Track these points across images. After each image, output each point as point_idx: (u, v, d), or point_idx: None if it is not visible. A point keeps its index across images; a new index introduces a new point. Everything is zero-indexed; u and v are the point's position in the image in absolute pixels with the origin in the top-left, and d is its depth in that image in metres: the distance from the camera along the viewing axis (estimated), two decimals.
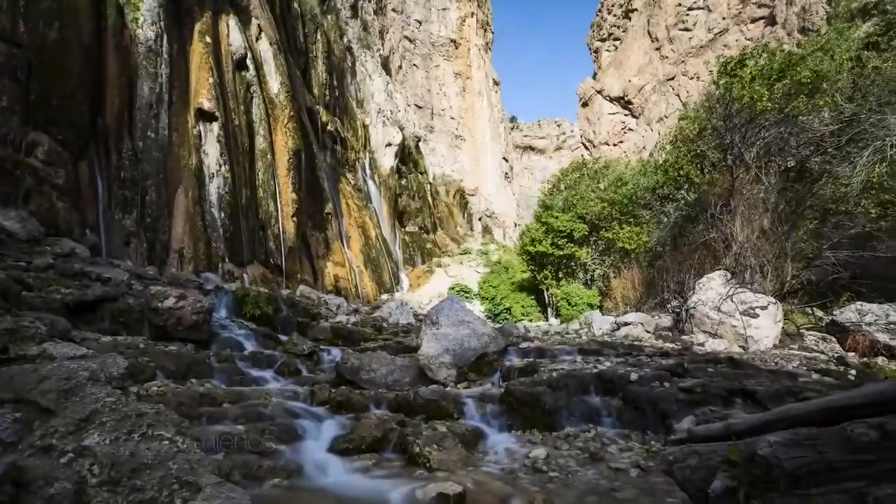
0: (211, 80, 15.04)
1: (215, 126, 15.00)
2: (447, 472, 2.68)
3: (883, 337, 6.59)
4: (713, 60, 14.29)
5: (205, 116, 14.86)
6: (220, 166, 15.01)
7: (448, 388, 4.93)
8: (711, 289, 9.24)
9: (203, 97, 14.71)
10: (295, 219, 18.07)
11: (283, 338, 7.57)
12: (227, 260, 14.87)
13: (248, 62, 17.47)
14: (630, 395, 4.03)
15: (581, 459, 3.16)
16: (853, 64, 11.07)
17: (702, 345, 8.12)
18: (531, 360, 6.03)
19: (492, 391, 4.72)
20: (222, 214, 15.00)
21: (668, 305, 11.37)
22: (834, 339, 7.58)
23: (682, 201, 14.23)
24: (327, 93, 27.63)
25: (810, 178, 11.16)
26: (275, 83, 18.69)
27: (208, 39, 15.57)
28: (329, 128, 25.91)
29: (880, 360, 6.22)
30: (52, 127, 10.74)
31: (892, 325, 6.62)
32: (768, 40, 27.97)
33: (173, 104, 14.22)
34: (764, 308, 8.05)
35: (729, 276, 9.55)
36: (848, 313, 7.31)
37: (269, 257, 17.21)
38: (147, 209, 12.97)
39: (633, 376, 4.41)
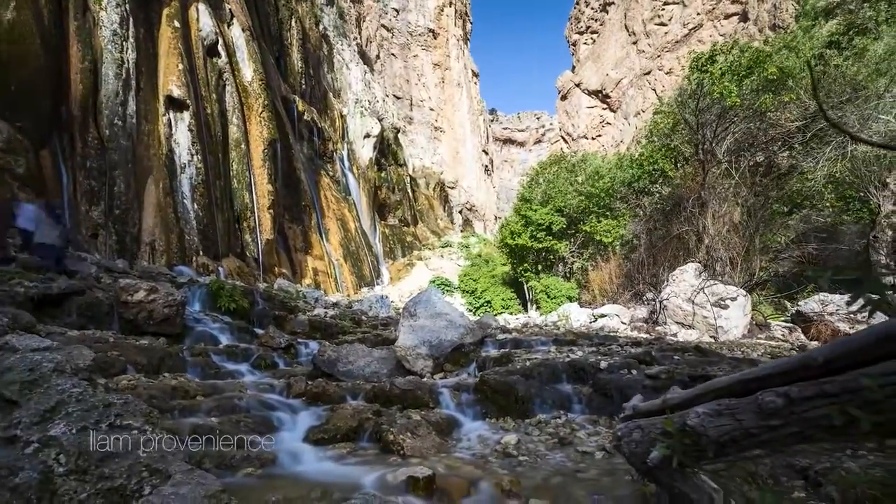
0: (181, 66, 14.55)
1: (186, 114, 14.55)
2: (420, 459, 2.75)
3: (844, 326, 6.87)
4: (688, 55, 14.64)
5: (175, 104, 14.39)
6: (192, 156, 14.60)
7: (424, 379, 5.01)
8: (684, 281, 9.57)
9: (172, 84, 14.23)
10: (271, 211, 17.78)
11: (260, 331, 7.51)
12: (201, 253, 14.54)
13: (220, 48, 16.97)
14: (599, 382, 4.18)
15: (550, 444, 3.28)
16: (816, 62, 11.51)
17: (675, 335, 8.41)
18: (507, 350, 6.15)
19: (468, 381, 4.80)
20: (195, 206, 14.62)
21: (644, 297, 11.69)
22: (799, 328, 7.92)
23: (657, 195, 14.55)
24: (303, 82, 27.08)
25: (778, 172, 11.60)
26: (248, 71, 18.22)
27: (177, 24, 15.05)
28: (306, 118, 25.43)
29: None
30: (11, 113, 10.23)
31: (852, 315, 6.91)
32: (740, 36, 28.73)
33: (141, 91, 13.73)
34: (733, 299, 8.40)
35: (701, 268, 9.88)
36: (812, 304, 7.60)
37: (245, 250, 16.91)
38: (115, 200, 12.54)
39: (603, 364, 4.58)
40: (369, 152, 31.45)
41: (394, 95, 44.89)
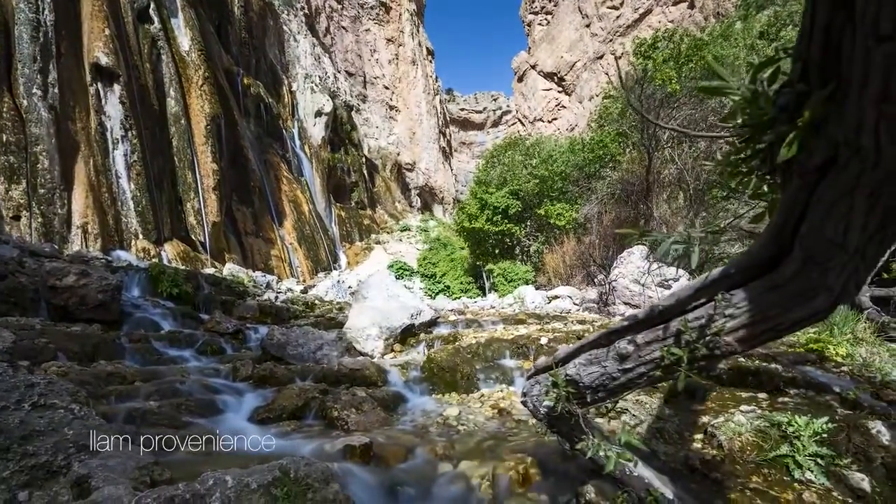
0: (107, 31, 13.34)
1: (117, 85, 13.45)
2: (364, 432, 2.89)
3: None
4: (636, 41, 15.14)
5: (103, 73, 13.24)
6: (127, 131, 13.58)
7: (375, 359, 5.13)
8: (631, 263, 10.16)
9: (99, 51, 13.06)
10: (217, 192, 16.92)
11: (205, 317, 7.30)
12: (140, 236, 13.70)
13: (152, 13, 15.67)
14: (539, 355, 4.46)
15: (490, 415, 3.52)
16: (748, 52, 12.27)
17: (622, 315, 8.95)
18: (457, 330, 6.37)
19: (417, 359, 4.97)
20: (132, 185, 13.69)
21: (595, 279, 12.26)
22: None
23: (608, 179, 15.14)
24: (248, 53, 25.55)
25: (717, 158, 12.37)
26: (185, 39, 16.97)
27: None
28: (252, 92, 24.12)
29: None
30: None
31: None
32: (687, 23, 29.98)
33: (63, 57, 12.51)
34: (676, 280, 9.05)
35: (647, 251, 10.50)
36: None
37: (190, 234, 16.07)
38: (39, 178, 11.51)
39: (543, 340, 4.88)
40: (322, 131, 30.32)
41: (346, 72, 43.21)
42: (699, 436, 2.68)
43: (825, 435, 2.42)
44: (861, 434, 2.50)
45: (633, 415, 2.95)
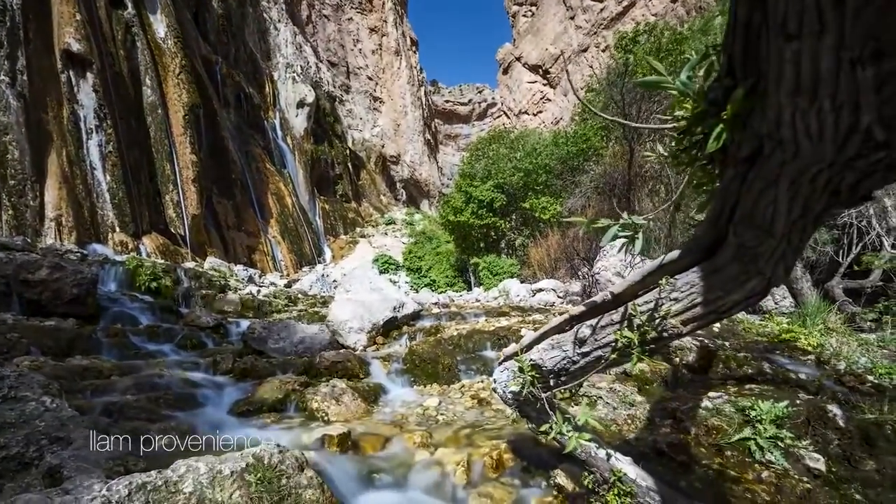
0: (78, 16, 12.88)
1: (89, 73, 13.01)
2: (344, 423, 2.91)
3: None
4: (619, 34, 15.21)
5: (75, 60, 12.80)
6: (101, 121, 13.18)
7: (357, 352, 5.14)
8: (614, 256, 10.35)
9: (70, 37, 12.60)
10: (197, 184, 16.57)
11: (185, 311, 7.20)
12: (117, 229, 13.37)
13: None
14: None
15: (469, 405, 3.57)
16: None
17: None
18: (439, 322, 6.42)
19: (399, 352, 5.00)
20: (108, 177, 13.32)
21: (579, 272, 12.42)
22: None
23: (591, 173, 15.27)
24: (226, 41, 24.93)
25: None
26: (161, 26, 16.48)
27: None
28: (231, 82, 23.58)
29: (741, 314, 7.26)
30: None
31: None
32: (670, 17, 30.27)
33: (32, 43, 12.05)
34: None
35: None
36: None
37: (170, 227, 15.73)
38: (9, 169, 11.12)
39: (523, 331, 4.96)
40: (304, 122, 29.81)
41: (328, 62, 42.44)
42: (669, 421, 2.78)
43: (786, 418, 2.54)
44: (820, 417, 2.63)
45: (607, 402, 3.04)
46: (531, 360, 1.30)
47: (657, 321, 1.00)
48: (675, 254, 1.00)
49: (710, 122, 0.72)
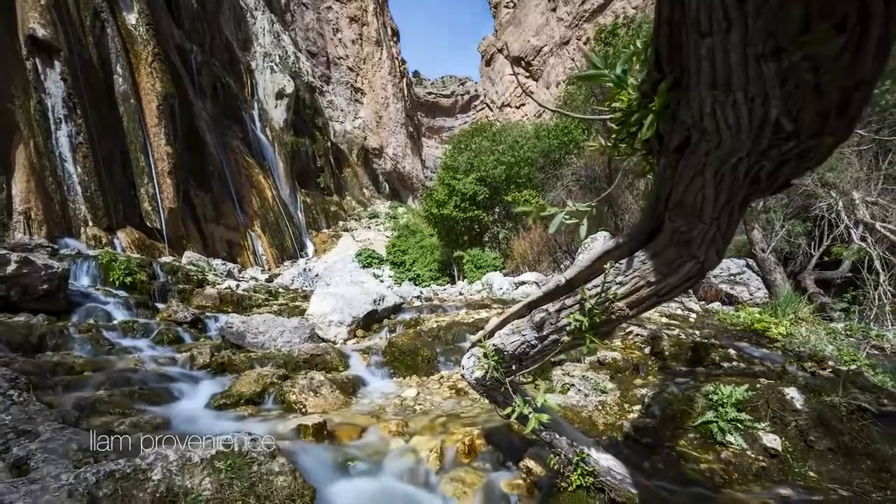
0: (43, 0, 12.35)
1: (56, 61, 12.52)
2: (321, 414, 2.93)
3: (725, 287, 7.79)
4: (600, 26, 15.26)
5: (40, 47, 12.29)
6: (70, 111, 12.72)
7: (337, 345, 5.14)
8: (594, 248, 10.55)
9: (34, 22, 12.09)
10: (173, 176, 16.14)
11: (161, 306, 7.07)
12: (90, 223, 12.97)
13: None
14: None
15: (447, 395, 3.63)
16: None
17: None
18: (420, 315, 6.45)
19: (379, 345, 5.02)
20: (79, 169, 12.88)
21: (561, 265, 12.59)
22: (690, 289, 9.03)
23: (573, 166, 15.41)
24: (201, 29, 24.20)
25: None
26: (131, 12, 15.89)
27: None
28: (207, 71, 22.94)
29: (716, 304, 7.37)
30: None
31: (731, 277, 7.86)
32: (650, 10, 30.59)
33: None
34: None
35: (609, 236, 10.92)
36: None
37: (145, 220, 15.32)
38: None
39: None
40: (283, 113, 29.21)
41: (307, 51, 41.64)
42: (637, 407, 2.89)
43: (746, 402, 2.67)
44: (778, 401, 2.77)
45: (580, 389, 3.14)
46: (494, 345, 1.35)
47: (605, 304, 1.05)
48: (619, 239, 1.05)
49: (642, 114, 0.76)
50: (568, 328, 1.14)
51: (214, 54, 24.96)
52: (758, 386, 2.91)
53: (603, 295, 1.05)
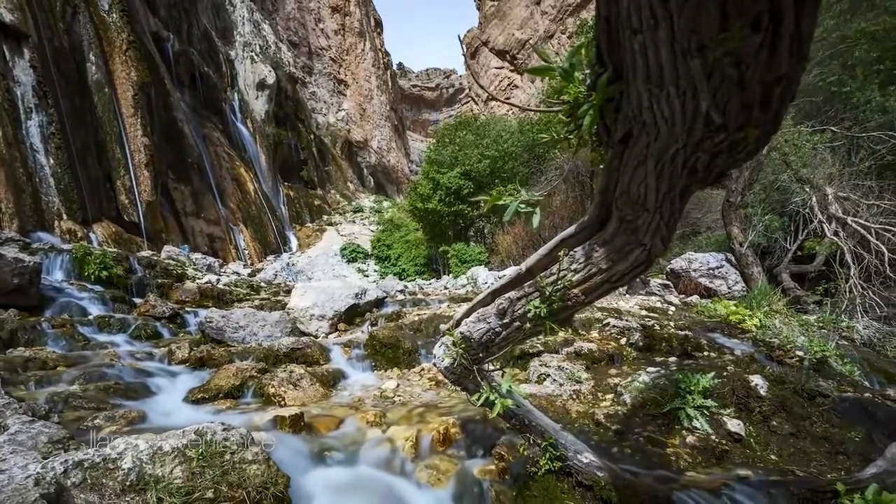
0: None
1: (25, 48, 12.06)
2: (300, 406, 2.94)
3: (704, 280, 7.95)
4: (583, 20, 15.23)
5: (8, 32, 11.82)
6: (41, 100, 12.29)
7: (319, 339, 5.13)
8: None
9: (1, 6, 11.60)
10: (150, 168, 15.73)
11: (139, 301, 6.95)
12: (65, 217, 12.59)
13: None
14: None
15: (427, 387, 3.67)
16: None
17: None
18: (402, 308, 6.47)
19: (360, 338, 5.03)
20: (51, 160, 12.48)
21: None
22: (671, 284, 9.12)
23: (557, 160, 15.51)
24: (178, 16, 23.53)
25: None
26: None
27: None
28: (185, 60, 22.32)
29: (695, 298, 7.50)
30: None
31: (711, 271, 8.01)
32: None
33: None
34: None
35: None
36: (680, 262, 8.48)
37: (122, 214, 14.94)
38: None
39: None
40: (265, 104, 28.64)
41: (289, 41, 40.82)
42: (609, 396, 2.98)
43: (713, 389, 2.77)
44: (744, 388, 2.89)
45: (555, 379, 3.21)
46: (461, 333, 1.38)
47: (561, 291, 1.10)
48: (574, 228, 1.10)
49: (587, 107, 0.80)
50: (528, 315, 1.18)
51: (192, 43, 24.31)
52: (725, 374, 3.02)
53: (559, 282, 1.10)
